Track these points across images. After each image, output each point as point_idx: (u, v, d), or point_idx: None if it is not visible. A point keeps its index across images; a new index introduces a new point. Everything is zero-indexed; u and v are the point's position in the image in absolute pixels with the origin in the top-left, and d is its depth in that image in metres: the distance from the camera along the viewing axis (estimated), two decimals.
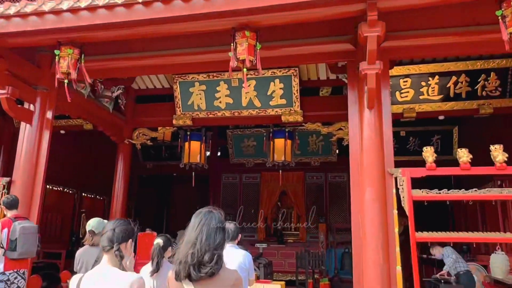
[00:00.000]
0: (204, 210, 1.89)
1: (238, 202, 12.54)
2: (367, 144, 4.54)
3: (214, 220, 1.83)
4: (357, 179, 4.63)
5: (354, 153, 4.72)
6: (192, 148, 8.10)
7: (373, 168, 4.46)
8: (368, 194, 4.41)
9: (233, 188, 12.72)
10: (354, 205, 4.65)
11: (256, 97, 7.15)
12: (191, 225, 1.84)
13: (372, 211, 4.33)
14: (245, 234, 12.13)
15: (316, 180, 12.36)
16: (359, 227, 4.47)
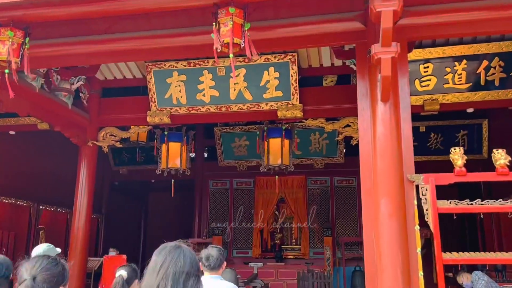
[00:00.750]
0: (170, 245, 1.66)
1: (229, 212, 12.52)
2: (381, 145, 4.44)
3: (183, 260, 1.60)
4: (369, 187, 4.52)
5: (365, 155, 4.63)
6: (171, 151, 8.04)
7: (389, 174, 4.35)
8: (384, 206, 4.29)
9: (223, 196, 12.71)
10: (366, 220, 4.55)
11: (247, 89, 7.08)
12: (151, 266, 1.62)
13: (389, 228, 4.21)
14: (237, 250, 12.05)
15: (320, 185, 12.35)
16: (372, 248, 4.36)
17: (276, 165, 7.98)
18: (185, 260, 1.64)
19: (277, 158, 7.93)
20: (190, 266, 1.64)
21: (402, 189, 4.32)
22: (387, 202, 4.28)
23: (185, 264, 1.62)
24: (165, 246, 1.69)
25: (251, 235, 12.15)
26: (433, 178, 4.23)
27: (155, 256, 1.66)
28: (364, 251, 4.55)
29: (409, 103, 4.63)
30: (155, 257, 1.66)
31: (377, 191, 4.38)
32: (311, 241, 11.92)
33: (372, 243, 4.41)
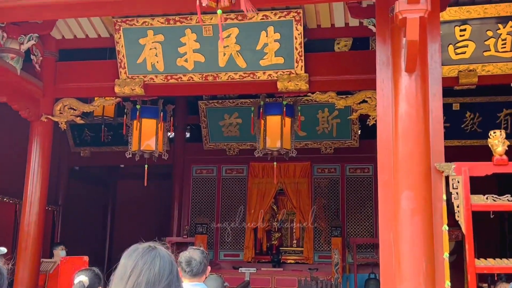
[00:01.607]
0: (143, 247, 1.67)
1: (216, 206, 12.62)
2: (404, 126, 4.49)
3: (159, 265, 1.61)
4: (388, 178, 4.59)
5: (384, 138, 4.69)
6: (145, 129, 8.02)
7: (413, 162, 4.42)
8: (406, 201, 4.35)
9: (208, 186, 12.78)
10: (383, 218, 4.61)
11: (240, 53, 7.04)
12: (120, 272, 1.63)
13: (412, 228, 4.27)
14: (225, 253, 12.17)
15: (328, 174, 12.43)
16: (390, 252, 4.43)
17: (275, 149, 7.96)
18: (161, 265, 1.64)
19: (276, 141, 7.91)
20: (168, 272, 1.64)
21: (428, 181, 4.38)
22: (410, 196, 4.33)
23: (162, 270, 1.63)
24: (136, 247, 1.69)
25: (243, 235, 12.24)
26: (467, 168, 4.27)
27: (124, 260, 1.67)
28: (380, 255, 4.62)
29: (440, 74, 4.66)
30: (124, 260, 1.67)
31: (397, 183, 4.44)
32: (316, 242, 12.03)
33: (390, 245, 4.48)
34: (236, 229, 12.36)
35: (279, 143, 7.92)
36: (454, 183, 4.29)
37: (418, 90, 4.48)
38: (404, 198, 4.36)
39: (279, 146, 7.94)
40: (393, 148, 4.56)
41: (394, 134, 4.53)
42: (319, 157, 12.05)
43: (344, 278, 10.93)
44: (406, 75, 4.48)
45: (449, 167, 4.32)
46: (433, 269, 4.26)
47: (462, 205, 4.22)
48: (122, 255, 1.69)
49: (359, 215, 12.00)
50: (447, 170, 4.33)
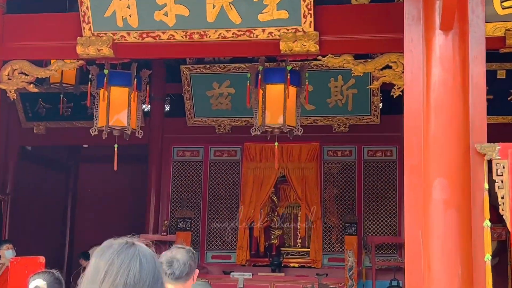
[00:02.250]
0: (119, 243, 1.67)
1: (202, 196, 12.70)
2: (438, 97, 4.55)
3: (139, 266, 1.61)
4: (416, 163, 4.65)
5: (412, 113, 4.74)
6: (114, 100, 8.01)
7: (448, 143, 4.49)
8: (438, 191, 4.41)
9: (193, 171, 12.86)
10: (410, 212, 4.65)
11: (233, 5, 7.01)
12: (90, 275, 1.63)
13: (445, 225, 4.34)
14: (213, 254, 12.24)
15: (341, 157, 12.51)
16: (419, 253, 4.48)
17: (276, 126, 7.96)
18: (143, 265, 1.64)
19: (277, 116, 7.91)
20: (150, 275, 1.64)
21: (466, 166, 4.43)
22: (444, 184, 4.39)
23: (143, 272, 1.62)
24: (111, 243, 1.68)
25: (236, 232, 12.30)
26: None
27: (96, 259, 1.66)
28: (406, 258, 4.68)
29: (483, 33, 4.67)
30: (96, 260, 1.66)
31: (428, 168, 4.49)
32: (326, 242, 12.11)
33: (417, 246, 4.52)
34: (227, 225, 12.41)
35: (282, 119, 7.90)
36: (499, 168, 4.31)
37: (456, 53, 4.51)
38: (437, 187, 4.41)
39: (282, 123, 7.91)
40: (423, 125, 4.60)
41: (425, 107, 4.57)
42: (330, 136, 12.10)
43: (360, 286, 11.02)
44: (441, 33, 4.51)
45: (493, 148, 4.34)
46: (471, 275, 4.32)
47: (508, 196, 4.25)
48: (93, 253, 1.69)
49: (380, 209, 12.07)
50: (490, 153, 4.34)
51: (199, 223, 12.44)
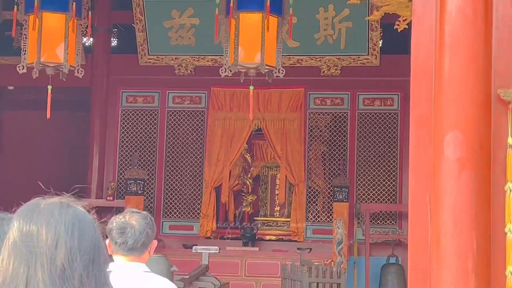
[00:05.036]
0: (50, 204, 1.65)
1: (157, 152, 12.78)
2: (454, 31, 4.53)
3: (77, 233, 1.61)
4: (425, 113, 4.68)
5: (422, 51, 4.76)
6: (47, 30, 7.97)
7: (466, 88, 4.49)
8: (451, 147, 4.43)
9: (147, 122, 12.92)
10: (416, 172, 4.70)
11: None
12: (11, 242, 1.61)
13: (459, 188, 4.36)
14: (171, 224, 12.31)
15: (331, 106, 12.65)
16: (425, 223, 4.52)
17: (252, 66, 8.01)
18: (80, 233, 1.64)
19: (253, 52, 7.95)
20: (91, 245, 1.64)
21: (487, 117, 4.46)
22: (458, 139, 4.41)
23: (84, 242, 1.61)
24: (37, 204, 1.65)
25: (199, 197, 12.40)
26: None
27: (22, 223, 1.64)
28: (409, 229, 4.73)
29: None
30: (22, 224, 1.64)
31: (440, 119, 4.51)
32: (310, 210, 12.25)
33: (424, 214, 4.57)
34: (189, 188, 12.48)
35: (259, 57, 7.94)
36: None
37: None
38: (450, 143, 4.42)
39: (258, 61, 7.96)
40: (435, 66, 4.60)
41: (439, 43, 4.55)
42: (318, 80, 12.19)
43: (350, 263, 11.20)
44: None
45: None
46: (488, 250, 4.37)
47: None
48: (15, 215, 1.67)
49: (376, 171, 12.24)
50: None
51: (154, 185, 12.48)
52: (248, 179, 12.65)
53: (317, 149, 12.37)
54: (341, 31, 11.59)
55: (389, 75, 11.28)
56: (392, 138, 12.03)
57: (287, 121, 12.30)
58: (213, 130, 12.42)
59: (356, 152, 12.29)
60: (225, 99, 12.30)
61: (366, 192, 12.18)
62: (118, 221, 3.32)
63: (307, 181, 12.21)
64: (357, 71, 11.97)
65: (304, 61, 11.85)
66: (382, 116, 12.23)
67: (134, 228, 3.30)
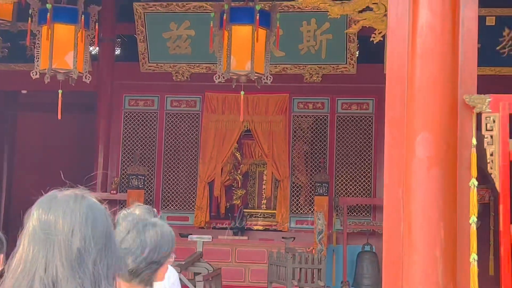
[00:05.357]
0: (67, 195, 1.65)
1: (156, 151, 12.73)
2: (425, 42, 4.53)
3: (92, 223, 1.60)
4: (398, 116, 4.65)
5: (395, 60, 4.72)
6: (58, 40, 7.95)
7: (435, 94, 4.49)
8: (422, 147, 4.43)
9: (147, 123, 12.85)
10: (390, 169, 4.67)
11: None
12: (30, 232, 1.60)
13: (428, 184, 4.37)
14: (169, 215, 12.30)
15: (313, 110, 12.61)
16: (398, 216, 4.51)
17: (243, 73, 8.00)
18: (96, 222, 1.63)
19: (244, 61, 7.94)
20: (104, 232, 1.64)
21: (453, 120, 4.44)
22: (428, 139, 4.40)
23: (98, 230, 1.62)
24: (54, 195, 1.65)
25: (194, 191, 12.36)
26: (508, 103, 4.30)
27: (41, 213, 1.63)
28: (384, 220, 4.70)
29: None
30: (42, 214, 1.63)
31: (412, 122, 4.50)
32: (294, 203, 12.23)
33: (397, 207, 4.55)
34: (184, 183, 12.45)
35: (249, 65, 7.93)
36: (489, 122, 4.31)
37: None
38: (420, 143, 4.42)
39: (249, 69, 7.95)
40: (407, 74, 4.58)
41: (411, 54, 4.55)
42: (301, 86, 12.17)
43: (329, 251, 11.20)
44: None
45: (483, 101, 4.34)
46: (454, 238, 4.37)
47: (497, 153, 4.26)
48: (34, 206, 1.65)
49: (354, 167, 12.22)
50: (480, 105, 4.35)
51: (153, 180, 12.45)
52: (238, 175, 12.65)
53: (300, 148, 12.38)
54: (322, 43, 11.60)
55: (364, 82, 11.28)
56: (367, 138, 12.02)
57: (274, 123, 12.29)
58: (207, 130, 12.39)
59: (335, 151, 12.28)
60: (218, 103, 12.29)
61: (344, 187, 12.18)
62: (124, 213, 3.31)
63: (291, 177, 12.21)
64: (336, 78, 11.96)
65: (289, 69, 11.84)
66: (358, 119, 12.22)
67: None
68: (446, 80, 4.44)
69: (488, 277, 8.43)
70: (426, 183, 4.40)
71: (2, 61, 12.16)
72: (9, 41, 11.71)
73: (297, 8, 9.03)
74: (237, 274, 11.07)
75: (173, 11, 11.51)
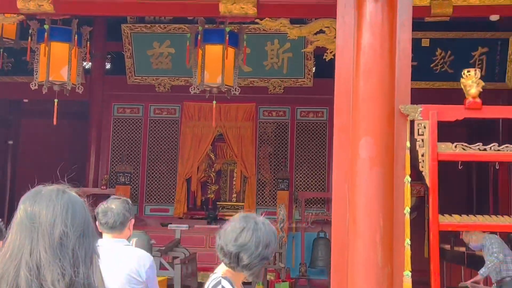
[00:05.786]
0: (49, 189, 1.64)
1: (141, 152, 12.67)
2: (367, 61, 4.56)
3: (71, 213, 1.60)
4: (345, 122, 4.68)
5: (343, 76, 4.74)
6: (54, 55, 7.87)
7: (375, 104, 4.52)
8: (364, 149, 4.47)
9: (133, 128, 12.77)
10: (338, 168, 4.70)
11: None
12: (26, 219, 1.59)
13: (370, 180, 4.40)
14: (152, 207, 12.23)
15: (276, 117, 12.62)
16: (344, 207, 4.54)
17: (214, 85, 7.95)
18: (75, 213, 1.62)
19: (215, 75, 7.90)
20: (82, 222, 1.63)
21: (391, 126, 4.49)
22: (369, 143, 4.44)
23: (77, 220, 1.61)
24: (39, 190, 1.65)
25: (174, 186, 12.30)
26: (435, 112, 4.37)
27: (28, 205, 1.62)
28: (333, 210, 4.75)
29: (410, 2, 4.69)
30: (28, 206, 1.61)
31: (356, 128, 4.53)
32: (260, 196, 12.25)
33: (344, 200, 4.59)
34: (165, 179, 12.41)
35: (220, 79, 7.90)
36: (420, 128, 4.38)
37: (385, 19, 4.52)
38: (363, 145, 4.46)
39: (220, 82, 7.91)
40: (352, 87, 4.61)
41: (355, 70, 4.59)
42: (266, 97, 12.16)
43: (290, 237, 11.25)
44: (371, 0, 4.51)
45: (415, 110, 4.41)
46: (391, 226, 4.42)
47: (427, 154, 4.33)
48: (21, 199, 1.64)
49: (310, 166, 12.26)
50: (412, 114, 4.41)
51: (138, 177, 12.38)
52: (212, 173, 12.62)
53: (265, 150, 12.40)
54: (284, 60, 11.63)
55: (320, 94, 11.32)
56: (322, 141, 12.12)
57: (242, 128, 12.30)
58: (185, 135, 12.35)
59: (295, 152, 12.33)
60: (194, 111, 12.26)
61: (302, 183, 12.23)
62: (102, 206, 3.34)
63: (257, 174, 12.24)
64: (296, 90, 12.00)
65: (255, 82, 11.85)
66: (314, 125, 12.30)
67: (113, 211, 3.33)
68: (384, 93, 4.49)
69: (424, 260, 8.51)
70: (368, 180, 4.43)
71: (7, 74, 12.04)
72: (12, 57, 11.60)
73: (262, 30, 9.05)
74: (210, 258, 10.96)
75: (156, 32, 11.47)
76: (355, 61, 4.61)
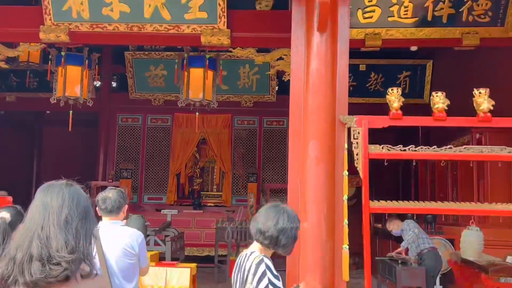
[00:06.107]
0: (60, 183, 1.67)
1: (140, 153, 12.57)
2: (314, 81, 4.60)
3: (77, 200, 1.62)
4: (298, 128, 4.72)
5: (296, 93, 4.78)
6: (69, 76, 7.85)
7: (320, 115, 4.56)
8: (312, 149, 4.51)
9: (134, 134, 12.69)
10: (293, 164, 4.74)
11: (165, 6, 6.86)
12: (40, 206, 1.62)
13: (316, 173, 4.43)
14: (148, 196, 12.15)
15: (247, 125, 12.66)
16: (297, 195, 4.57)
17: (197, 100, 7.95)
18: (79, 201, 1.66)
19: (198, 92, 7.89)
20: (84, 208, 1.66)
21: (333, 132, 4.53)
22: (316, 145, 4.48)
23: (80, 206, 1.65)
24: (52, 183, 1.69)
25: (166, 180, 12.27)
26: (367, 121, 4.42)
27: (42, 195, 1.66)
28: (288, 197, 4.75)
29: (348, 35, 4.76)
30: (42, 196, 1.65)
31: (306, 133, 4.57)
32: (234, 187, 12.27)
33: (297, 189, 4.62)
34: (160, 174, 12.36)
35: (202, 95, 7.90)
36: (355, 134, 4.42)
37: (328, 49, 4.55)
38: (311, 147, 4.49)
39: (201, 97, 7.91)
40: (303, 101, 4.65)
41: (305, 88, 4.62)
42: (239, 109, 12.19)
43: None
44: (318, 34, 4.53)
45: (351, 119, 4.46)
46: (333, 210, 4.47)
47: (360, 154, 4.38)
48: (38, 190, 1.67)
49: (274, 163, 12.31)
50: (349, 122, 4.46)
51: (138, 173, 12.31)
52: (197, 169, 12.62)
53: (239, 151, 12.45)
54: (253, 80, 11.68)
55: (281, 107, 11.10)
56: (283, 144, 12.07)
57: (221, 134, 12.32)
58: (176, 139, 12.33)
59: (262, 153, 12.39)
60: (183, 120, 12.25)
61: (268, 176, 12.28)
62: (102, 194, 3.32)
63: (232, 170, 12.27)
64: (263, 104, 12.07)
65: (231, 98, 11.88)
66: (277, 131, 12.39)
67: (111, 198, 3.31)
68: (327, 106, 4.52)
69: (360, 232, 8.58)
70: (315, 174, 4.46)
71: (33, 91, 11.91)
72: (37, 77, 11.49)
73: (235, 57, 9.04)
74: (195, 236, 11.02)
75: (152, 58, 11.42)
76: (305, 81, 4.64)
